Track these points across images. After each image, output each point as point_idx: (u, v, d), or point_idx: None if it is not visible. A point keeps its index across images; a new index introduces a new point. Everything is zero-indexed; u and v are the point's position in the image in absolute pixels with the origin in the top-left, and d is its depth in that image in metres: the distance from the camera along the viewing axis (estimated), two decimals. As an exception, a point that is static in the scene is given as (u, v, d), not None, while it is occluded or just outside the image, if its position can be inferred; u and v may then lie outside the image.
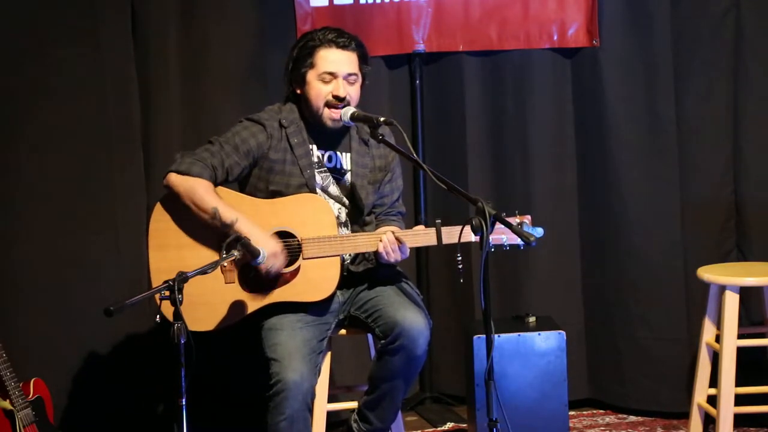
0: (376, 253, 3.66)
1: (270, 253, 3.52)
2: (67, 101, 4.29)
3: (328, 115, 3.69)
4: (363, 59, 3.73)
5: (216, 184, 3.63)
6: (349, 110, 3.65)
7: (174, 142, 4.35)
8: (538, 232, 3.64)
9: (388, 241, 3.62)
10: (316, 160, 3.74)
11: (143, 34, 4.38)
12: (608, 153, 4.69)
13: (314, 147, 3.75)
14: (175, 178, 3.60)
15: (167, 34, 4.40)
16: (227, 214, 3.53)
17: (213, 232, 3.59)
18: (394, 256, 3.63)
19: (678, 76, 4.63)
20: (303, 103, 3.74)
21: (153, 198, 4.31)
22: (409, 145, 3.49)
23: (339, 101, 3.66)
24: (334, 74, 3.67)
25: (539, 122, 4.74)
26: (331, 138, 3.76)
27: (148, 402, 4.38)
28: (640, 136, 4.67)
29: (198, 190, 3.57)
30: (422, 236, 3.68)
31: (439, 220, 3.66)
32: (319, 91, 3.68)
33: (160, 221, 3.65)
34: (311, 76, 3.69)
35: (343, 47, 3.68)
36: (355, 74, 3.70)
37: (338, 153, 3.78)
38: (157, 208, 3.67)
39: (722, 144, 4.69)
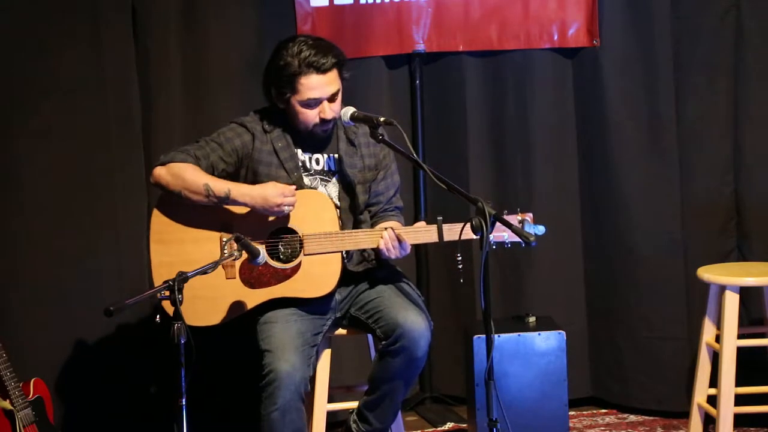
0: (377, 250, 3.66)
1: (271, 194, 3.56)
2: (67, 101, 4.29)
3: (320, 129, 3.70)
4: (341, 67, 3.69)
5: None
6: (349, 110, 3.65)
7: (174, 142, 4.33)
8: (540, 229, 3.63)
9: (389, 237, 3.62)
10: (301, 164, 3.74)
11: (144, 34, 4.38)
12: (609, 153, 4.68)
13: (299, 151, 3.75)
14: (159, 170, 3.64)
15: (168, 34, 4.40)
16: (219, 186, 3.58)
17: (214, 227, 3.61)
18: (394, 252, 3.63)
19: (678, 75, 4.63)
20: (289, 116, 3.73)
21: (153, 198, 4.30)
22: (409, 145, 3.49)
23: (327, 123, 3.68)
24: (319, 100, 3.66)
25: (540, 122, 4.73)
26: (317, 141, 3.76)
27: (147, 402, 4.38)
28: (640, 136, 4.67)
29: (185, 172, 3.60)
30: (423, 233, 3.68)
31: (441, 217, 3.66)
32: (306, 115, 3.68)
33: (161, 215, 3.66)
34: (295, 101, 3.67)
35: (323, 71, 3.63)
36: (337, 91, 3.68)
37: (325, 155, 3.78)
38: (159, 202, 3.70)
39: (722, 144, 4.68)
